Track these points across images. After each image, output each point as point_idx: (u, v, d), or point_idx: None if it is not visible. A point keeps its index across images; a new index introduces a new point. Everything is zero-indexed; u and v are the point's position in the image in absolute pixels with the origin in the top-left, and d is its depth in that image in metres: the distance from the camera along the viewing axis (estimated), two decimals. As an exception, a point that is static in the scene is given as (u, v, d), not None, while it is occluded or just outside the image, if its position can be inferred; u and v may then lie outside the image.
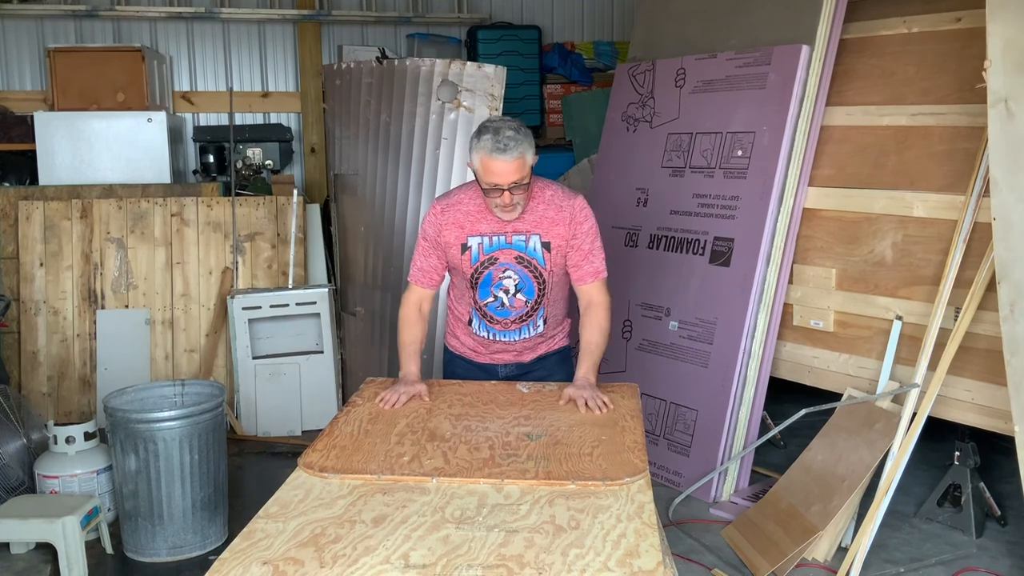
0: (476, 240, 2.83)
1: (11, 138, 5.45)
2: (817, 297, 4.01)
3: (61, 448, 3.74)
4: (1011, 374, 3.05)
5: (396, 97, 4.66)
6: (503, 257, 2.84)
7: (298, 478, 2.15)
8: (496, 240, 2.83)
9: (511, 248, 2.84)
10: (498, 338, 2.98)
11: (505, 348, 3.00)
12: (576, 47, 6.94)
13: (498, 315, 2.92)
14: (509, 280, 2.87)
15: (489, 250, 2.84)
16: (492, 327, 2.96)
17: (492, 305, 2.91)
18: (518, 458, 2.25)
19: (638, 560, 1.72)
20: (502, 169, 2.65)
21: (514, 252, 2.84)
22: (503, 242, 2.83)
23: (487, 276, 2.87)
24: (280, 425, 5.01)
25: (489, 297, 2.90)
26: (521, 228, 2.83)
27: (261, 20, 6.35)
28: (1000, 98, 3.03)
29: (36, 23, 6.02)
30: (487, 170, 2.67)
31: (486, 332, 2.98)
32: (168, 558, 3.54)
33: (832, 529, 3.45)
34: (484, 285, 2.88)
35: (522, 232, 2.83)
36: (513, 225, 2.82)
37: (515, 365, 3.05)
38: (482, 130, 2.69)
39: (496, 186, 2.68)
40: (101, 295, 5.13)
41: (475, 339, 3.02)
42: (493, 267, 2.85)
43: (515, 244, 2.83)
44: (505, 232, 2.83)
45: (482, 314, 2.95)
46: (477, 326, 2.99)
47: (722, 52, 4.36)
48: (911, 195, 3.68)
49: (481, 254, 2.84)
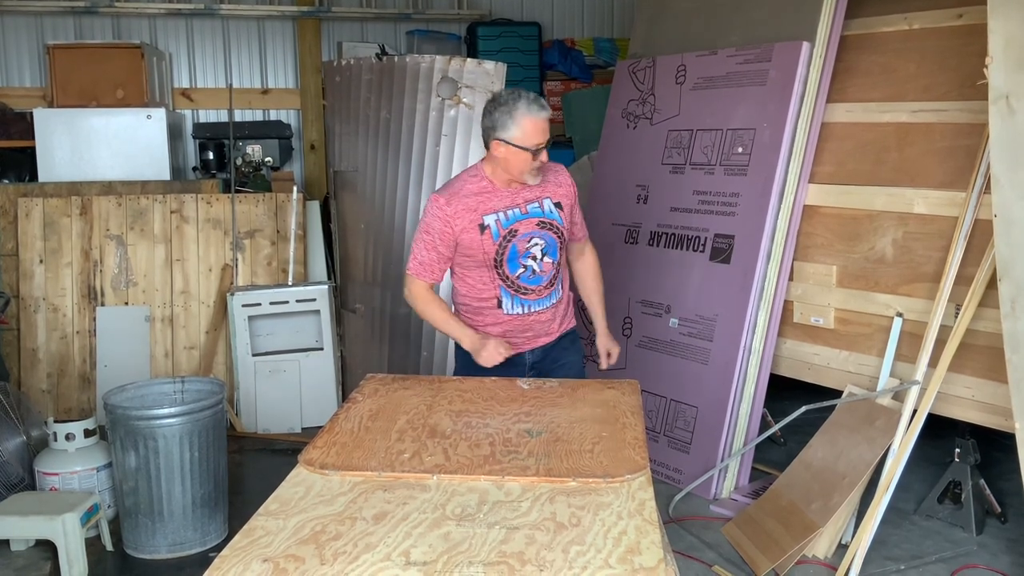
0: (492, 217, 2.91)
1: (10, 135, 5.45)
2: (817, 294, 4.01)
3: (61, 445, 3.73)
4: (1012, 371, 3.04)
5: (396, 94, 4.65)
6: (523, 228, 2.93)
7: (298, 475, 2.14)
8: (511, 213, 2.92)
9: (529, 217, 2.93)
10: (533, 309, 3.02)
11: (532, 321, 3.03)
12: (576, 44, 6.93)
13: (531, 283, 2.98)
14: (536, 247, 2.95)
15: (507, 224, 2.92)
16: (527, 299, 3.00)
17: (524, 276, 2.97)
18: (519, 455, 2.24)
19: (639, 557, 1.72)
20: (544, 126, 2.83)
21: (534, 220, 2.94)
22: (519, 213, 2.93)
23: (512, 250, 2.93)
24: (280, 422, 5.01)
25: (519, 269, 2.96)
26: (531, 196, 2.95)
27: (261, 17, 6.34)
28: (1001, 94, 3.03)
29: (35, 19, 6.01)
30: (535, 129, 2.81)
31: (521, 307, 3.01)
32: (168, 555, 3.54)
33: (832, 526, 3.45)
34: (511, 259, 2.94)
35: (533, 199, 2.95)
36: (523, 195, 2.94)
37: (540, 350, 3.09)
38: (508, 100, 2.83)
39: (539, 146, 2.83)
40: (101, 292, 5.13)
41: (507, 322, 3.02)
42: (515, 239, 2.92)
43: (531, 212, 2.94)
44: (517, 204, 2.93)
45: (515, 289, 2.98)
46: (510, 305, 3.00)
47: (723, 49, 4.35)
48: (912, 192, 3.68)
49: (500, 229, 2.91)
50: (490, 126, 2.85)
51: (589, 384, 2.90)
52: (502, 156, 2.87)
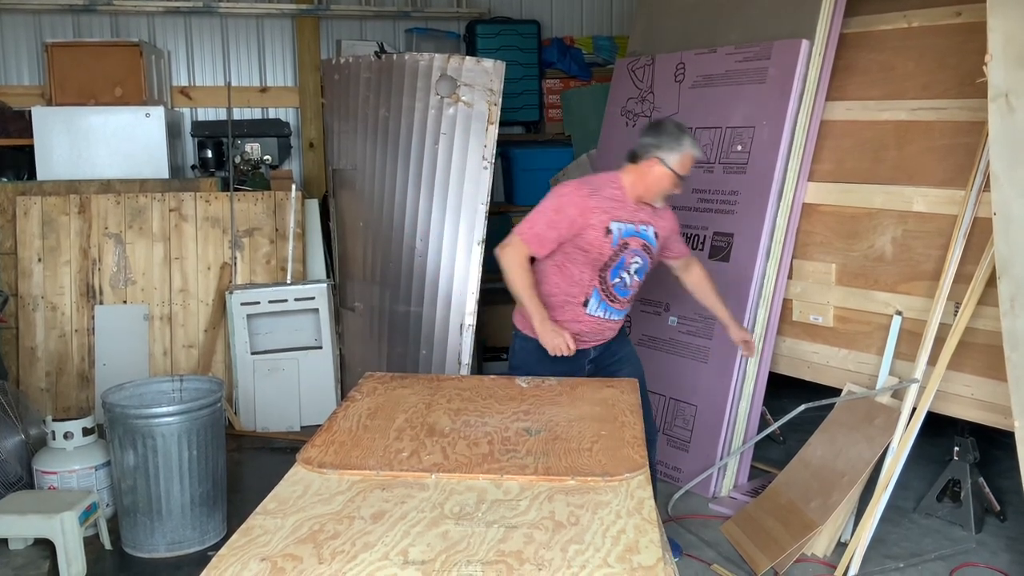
0: (617, 226, 3.15)
1: (9, 133, 5.44)
2: (817, 292, 4.01)
3: (59, 444, 3.73)
4: (1011, 369, 3.04)
5: (395, 92, 4.65)
6: (632, 243, 3.19)
7: (296, 474, 2.14)
8: (627, 228, 3.17)
9: (638, 236, 3.20)
10: (612, 316, 3.26)
11: (605, 327, 3.27)
12: (575, 42, 6.92)
13: (620, 294, 3.23)
14: (635, 264, 3.22)
15: (625, 235, 3.17)
16: (612, 306, 3.23)
17: (618, 286, 3.21)
18: (517, 454, 2.24)
19: (638, 556, 1.72)
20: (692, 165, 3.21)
21: (640, 240, 3.21)
22: (633, 230, 3.19)
23: (621, 260, 3.17)
24: (279, 421, 5.01)
25: (617, 278, 3.20)
26: (644, 219, 3.22)
27: (259, 15, 6.33)
28: (1001, 92, 3.03)
29: (33, 17, 6.00)
30: (686, 164, 3.17)
31: (603, 312, 3.23)
32: (167, 554, 3.53)
33: (831, 524, 3.45)
34: (617, 267, 3.18)
35: (645, 222, 3.22)
36: (640, 215, 3.20)
37: (602, 346, 3.33)
38: (677, 132, 3.17)
39: (685, 177, 3.19)
40: (99, 291, 5.12)
41: (586, 322, 3.21)
42: (626, 252, 3.17)
43: (641, 232, 3.21)
44: (634, 221, 3.19)
45: (607, 294, 3.20)
46: (595, 306, 3.21)
47: (722, 47, 4.34)
48: (911, 190, 3.67)
49: (620, 238, 3.15)
50: (655, 145, 3.15)
51: (588, 383, 2.90)
52: (653, 174, 3.16)
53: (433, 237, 4.59)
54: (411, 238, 4.65)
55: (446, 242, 4.56)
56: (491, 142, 4.45)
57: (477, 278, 4.53)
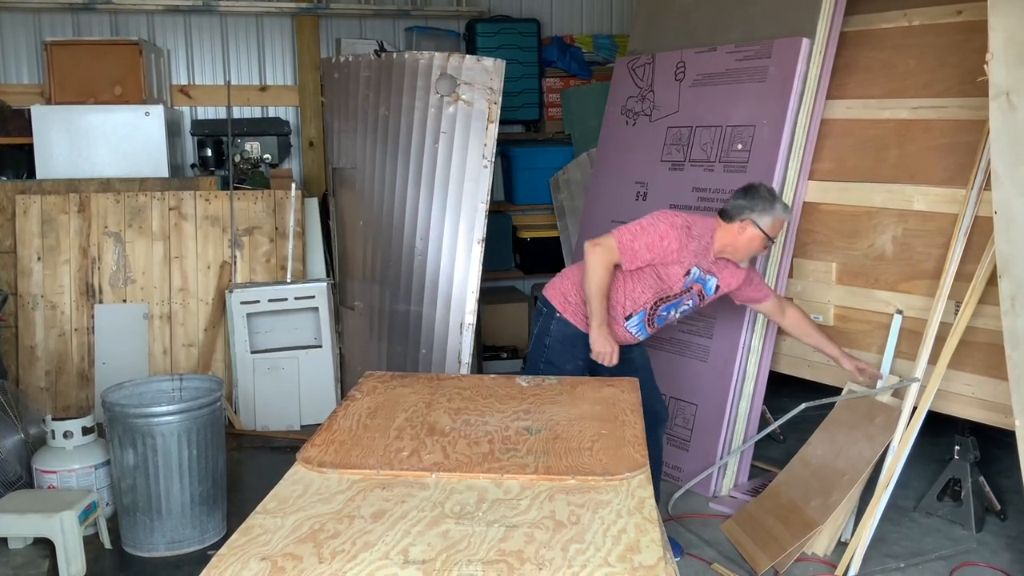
0: (696, 271, 3.33)
1: (8, 132, 5.43)
2: (817, 291, 4.00)
3: (59, 443, 3.72)
4: (1012, 368, 3.04)
5: (395, 91, 4.64)
6: (695, 288, 3.38)
7: (296, 473, 2.14)
8: (699, 274, 3.35)
9: (701, 283, 3.37)
10: (639, 336, 3.43)
11: (629, 341, 3.43)
12: (575, 40, 6.91)
13: (659, 323, 3.43)
14: (685, 306, 3.42)
15: (696, 280, 3.35)
16: (647, 330, 3.42)
17: (661, 317, 3.40)
18: (518, 453, 2.24)
19: (639, 555, 1.71)
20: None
21: (700, 286, 3.37)
22: (700, 276, 3.36)
23: (680, 299, 3.38)
24: (278, 420, 5.01)
25: (667, 312, 3.40)
26: (712, 270, 3.38)
27: (259, 13, 6.32)
28: (1002, 91, 3.02)
29: (33, 16, 5.99)
30: (777, 227, 3.36)
31: (637, 331, 3.40)
32: (166, 553, 3.53)
33: (832, 524, 3.44)
34: (673, 304, 3.38)
35: (712, 273, 3.38)
36: (708, 267, 3.35)
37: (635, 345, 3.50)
38: (771, 197, 3.34)
39: (773, 241, 3.39)
40: (99, 289, 5.12)
41: (619, 335, 3.34)
42: (687, 294, 3.37)
43: (705, 280, 3.38)
44: (704, 269, 3.35)
45: (649, 320, 3.40)
46: (635, 324, 3.38)
47: (722, 45, 4.34)
48: (912, 189, 3.67)
49: (692, 282, 3.34)
50: (748, 208, 3.30)
51: (588, 382, 2.90)
52: (745, 235, 3.31)
53: (433, 236, 4.58)
54: (411, 237, 4.65)
55: (446, 241, 4.56)
56: (491, 141, 4.45)
57: (477, 277, 4.52)
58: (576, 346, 3.34)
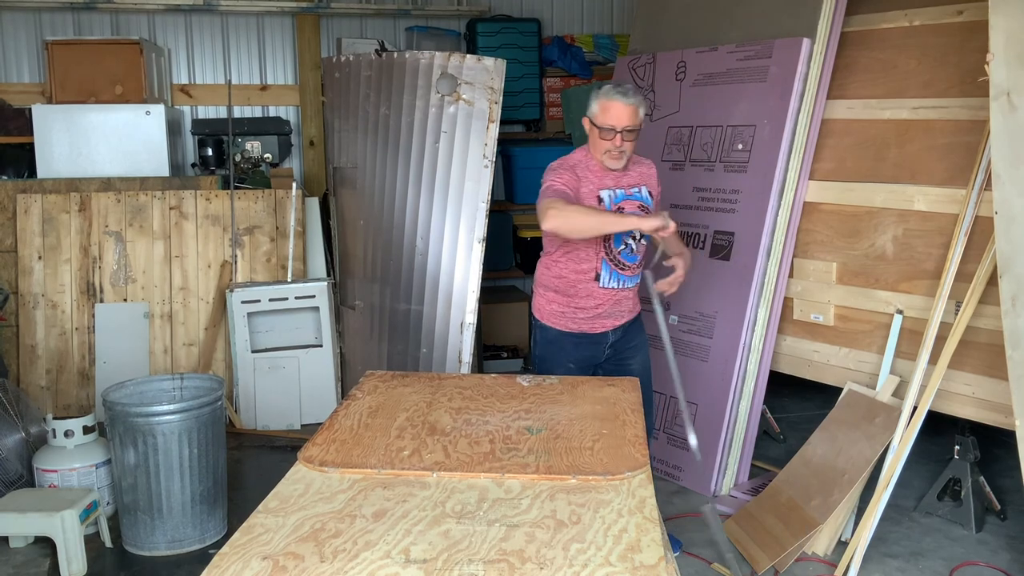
0: (606, 192, 3.16)
1: (9, 131, 5.43)
2: (817, 291, 4.00)
3: (60, 442, 3.73)
4: (1012, 368, 3.04)
5: (395, 90, 4.64)
6: (628, 207, 3.18)
7: (298, 472, 2.14)
8: (619, 192, 3.18)
9: (632, 199, 3.19)
10: (625, 285, 3.27)
11: (621, 296, 3.27)
12: (576, 40, 6.91)
13: (628, 260, 3.24)
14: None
15: (616, 201, 3.17)
16: (623, 274, 3.24)
17: (624, 252, 3.21)
18: (519, 452, 2.24)
19: (639, 555, 1.72)
20: (619, 111, 3.04)
21: (635, 202, 3.20)
22: (624, 194, 3.19)
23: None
24: (279, 419, 5.01)
25: (622, 244, 3.20)
26: (632, 182, 3.22)
27: (260, 13, 6.32)
28: (1002, 91, 3.02)
29: (34, 15, 5.99)
30: (605, 111, 3.06)
31: (616, 282, 3.24)
32: (167, 552, 3.53)
33: (832, 523, 3.45)
34: (617, 235, 3.16)
35: (635, 185, 3.22)
36: (627, 179, 3.20)
37: (621, 328, 3.33)
38: (604, 84, 3.13)
39: (612, 128, 3.05)
40: (100, 288, 5.12)
41: (601, 296, 3.22)
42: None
43: (634, 195, 3.21)
44: (623, 186, 3.19)
45: (615, 263, 3.21)
46: (607, 278, 3.22)
47: (723, 45, 4.34)
48: (912, 189, 3.67)
49: (612, 204, 3.16)
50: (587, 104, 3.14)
51: (589, 381, 2.90)
52: (591, 135, 3.13)
53: (434, 235, 4.59)
54: (411, 236, 4.65)
55: (447, 240, 4.56)
56: (492, 140, 4.45)
57: (478, 276, 4.53)
58: (563, 347, 3.28)
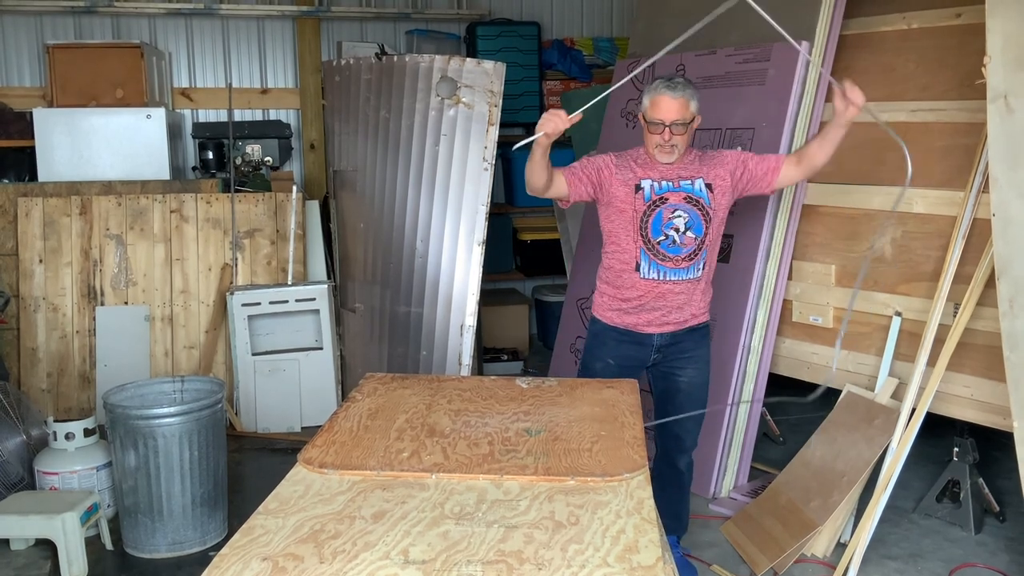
0: (648, 182, 3.14)
1: (10, 134, 5.44)
2: (816, 293, 4.01)
3: (61, 444, 3.74)
4: (1010, 370, 3.04)
5: (395, 93, 4.66)
6: (672, 198, 3.14)
7: (297, 474, 2.15)
8: (664, 184, 3.14)
9: (679, 191, 3.14)
10: (668, 277, 3.16)
11: (665, 289, 3.17)
12: (575, 43, 6.93)
13: (670, 252, 3.15)
14: (679, 219, 3.13)
15: (659, 192, 3.14)
16: (663, 265, 3.16)
17: (664, 243, 3.14)
18: (517, 454, 2.25)
19: (637, 556, 1.72)
20: (668, 106, 3.04)
21: (683, 193, 3.14)
22: (671, 186, 3.14)
23: (658, 214, 3.13)
24: (279, 421, 5.01)
25: (661, 235, 3.14)
26: (685, 174, 3.16)
27: (260, 16, 6.34)
28: (1000, 94, 3.03)
29: (35, 19, 6.01)
30: (655, 106, 3.06)
31: (657, 272, 3.17)
32: (168, 554, 3.54)
33: (831, 525, 3.45)
34: (656, 223, 3.13)
35: (688, 178, 3.16)
36: (677, 172, 3.15)
37: (669, 335, 3.24)
38: (656, 79, 3.12)
39: (661, 122, 3.05)
40: (100, 292, 5.13)
41: (643, 287, 3.17)
42: (663, 206, 3.13)
43: (683, 187, 3.15)
44: (670, 178, 3.14)
45: (653, 253, 3.15)
46: (647, 268, 3.17)
47: (722, 48, 4.35)
48: (910, 191, 3.67)
49: (653, 194, 3.13)
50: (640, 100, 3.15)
51: (588, 383, 2.90)
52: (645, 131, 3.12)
53: (433, 238, 4.60)
54: (411, 239, 4.66)
55: (446, 243, 4.57)
56: (491, 143, 4.46)
57: (477, 279, 4.53)
58: (605, 342, 3.28)
